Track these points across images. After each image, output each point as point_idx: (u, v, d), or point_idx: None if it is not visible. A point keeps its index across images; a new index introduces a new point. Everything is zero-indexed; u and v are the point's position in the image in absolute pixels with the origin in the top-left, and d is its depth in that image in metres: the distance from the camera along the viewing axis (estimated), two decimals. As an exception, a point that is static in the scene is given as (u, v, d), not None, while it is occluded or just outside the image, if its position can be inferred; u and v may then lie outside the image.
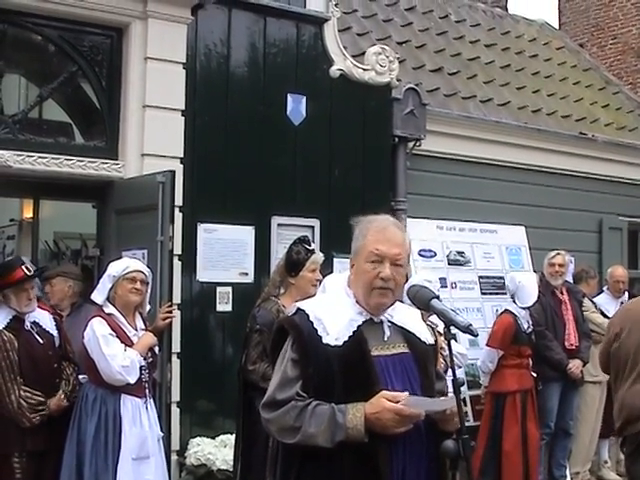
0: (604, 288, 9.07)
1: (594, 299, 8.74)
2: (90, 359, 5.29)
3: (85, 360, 5.38)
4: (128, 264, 5.53)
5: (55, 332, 5.55)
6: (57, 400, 5.34)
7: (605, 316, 8.59)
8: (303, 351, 2.99)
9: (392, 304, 3.13)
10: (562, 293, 8.09)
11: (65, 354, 5.59)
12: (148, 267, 5.76)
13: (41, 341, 5.41)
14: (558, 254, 8.14)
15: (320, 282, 5.15)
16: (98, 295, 5.46)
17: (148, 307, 5.79)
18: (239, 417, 5.41)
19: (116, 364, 5.19)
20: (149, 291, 5.70)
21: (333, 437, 2.87)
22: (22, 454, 5.23)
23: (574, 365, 7.81)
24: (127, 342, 5.35)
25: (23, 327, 5.36)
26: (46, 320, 5.54)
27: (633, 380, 5.14)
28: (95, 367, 5.26)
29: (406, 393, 2.90)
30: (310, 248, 5.38)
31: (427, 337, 3.20)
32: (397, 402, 2.86)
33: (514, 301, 7.43)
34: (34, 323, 5.43)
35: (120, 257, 6.02)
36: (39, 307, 5.55)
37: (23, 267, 5.37)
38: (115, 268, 5.48)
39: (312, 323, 3.02)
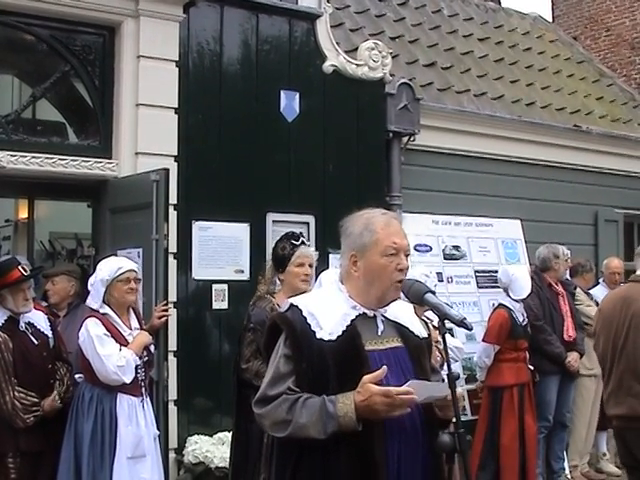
0: (600, 280, 9.08)
1: (590, 291, 8.75)
2: (86, 359, 5.29)
3: (81, 360, 5.38)
4: (120, 265, 5.47)
5: (50, 333, 5.54)
6: (51, 401, 5.33)
7: (601, 308, 8.62)
8: (296, 346, 2.98)
9: None
10: (557, 285, 8.10)
11: (59, 354, 5.58)
12: (135, 261, 5.76)
13: (36, 342, 5.41)
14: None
15: (308, 276, 5.13)
16: (93, 301, 5.40)
17: (141, 302, 5.79)
18: (234, 415, 5.40)
19: (111, 364, 5.19)
20: (141, 285, 5.69)
21: (325, 428, 2.86)
22: (16, 454, 5.23)
23: (572, 358, 7.83)
24: (122, 342, 5.35)
25: (18, 328, 5.35)
26: (41, 320, 5.54)
27: (605, 383, 5.27)
28: (91, 367, 5.26)
29: (410, 381, 2.89)
30: (297, 243, 5.24)
31: (420, 331, 3.20)
32: (388, 385, 2.85)
33: (508, 294, 7.43)
34: (29, 324, 5.43)
35: (107, 255, 5.99)
36: (34, 307, 5.54)
37: (20, 267, 5.37)
38: (106, 271, 5.42)
39: (305, 318, 3.01)
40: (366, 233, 3.07)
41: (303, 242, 5.31)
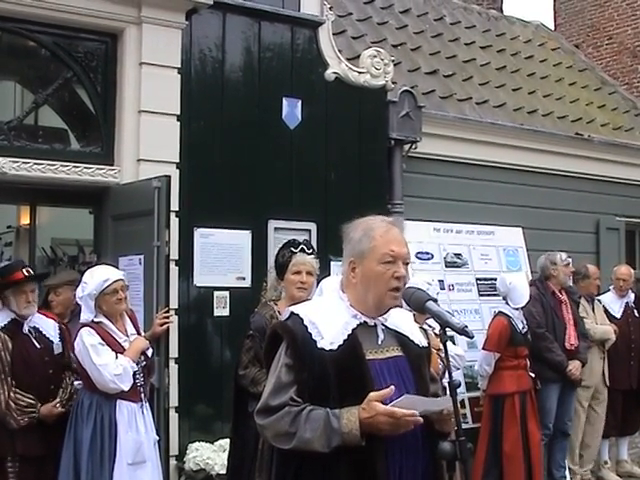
0: (610, 287, 9.03)
1: (600, 297, 8.74)
2: (83, 368, 5.29)
3: (79, 368, 5.39)
4: (105, 277, 5.35)
5: (57, 340, 5.56)
6: (50, 405, 5.35)
7: (609, 315, 8.59)
8: (297, 356, 2.97)
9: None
10: (561, 294, 8.09)
11: (68, 363, 5.59)
12: (117, 267, 5.80)
13: (38, 346, 5.44)
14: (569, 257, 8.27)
15: (305, 284, 5.10)
16: (86, 316, 5.35)
17: (141, 308, 5.79)
18: (232, 420, 5.40)
19: (108, 373, 5.17)
20: (141, 291, 5.69)
21: (329, 442, 2.85)
22: (15, 458, 5.25)
23: (574, 366, 7.81)
24: (118, 349, 5.33)
25: (21, 330, 5.39)
26: (49, 327, 5.57)
27: None
28: (88, 375, 5.25)
29: (405, 395, 2.89)
30: (295, 250, 5.19)
31: (420, 340, 3.19)
32: (390, 402, 2.84)
33: (507, 302, 7.43)
34: (34, 328, 5.46)
35: (93, 265, 5.97)
36: (45, 315, 5.61)
37: (23, 270, 5.44)
38: (93, 285, 5.31)
39: (306, 327, 2.99)
40: (365, 240, 3.06)
41: (303, 249, 5.24)
